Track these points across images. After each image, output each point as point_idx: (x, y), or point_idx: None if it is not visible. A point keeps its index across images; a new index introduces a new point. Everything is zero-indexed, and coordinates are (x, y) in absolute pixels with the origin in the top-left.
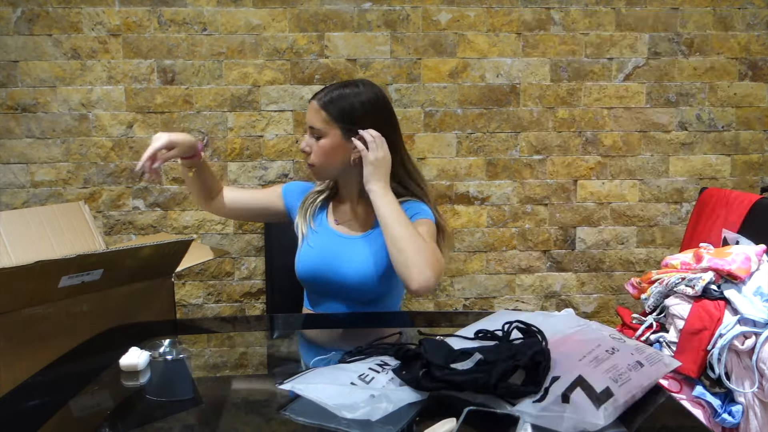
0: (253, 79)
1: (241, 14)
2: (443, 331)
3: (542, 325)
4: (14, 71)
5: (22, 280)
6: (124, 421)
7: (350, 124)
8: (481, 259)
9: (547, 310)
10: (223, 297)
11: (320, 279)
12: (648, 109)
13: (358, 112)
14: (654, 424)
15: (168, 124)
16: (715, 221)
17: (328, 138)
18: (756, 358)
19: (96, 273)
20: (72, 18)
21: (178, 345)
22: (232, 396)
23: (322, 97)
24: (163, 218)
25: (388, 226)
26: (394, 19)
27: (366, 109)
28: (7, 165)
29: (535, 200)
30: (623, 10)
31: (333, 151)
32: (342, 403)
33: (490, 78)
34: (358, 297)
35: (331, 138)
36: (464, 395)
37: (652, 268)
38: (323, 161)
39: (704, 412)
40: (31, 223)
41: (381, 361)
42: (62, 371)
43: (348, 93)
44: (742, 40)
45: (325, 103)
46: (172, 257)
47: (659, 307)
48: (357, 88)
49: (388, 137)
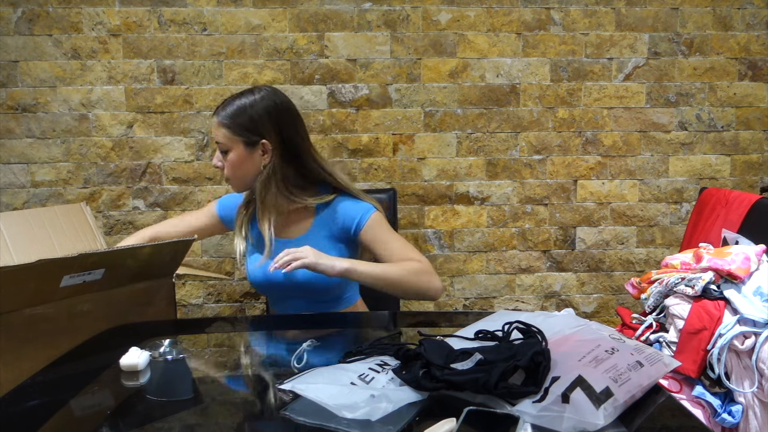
0: (253, 79)
1: (241, 14)
2: (443, 331)
3: (542, 325)
4: (14, 71)
5: (23, 279)
6: (124, 421)
7: (250, 134)
8: (481, 259)
9: (547, 310)
10: (223, 297)
11: (276, 286)
12: (648, 109)
13: (256, 121)
14: (654, 424)
15: (168, 124)
16: (715, 221)
17: (234, 152)
18: (756, 358)
19: (97, 273)
20: (72, 18)
21: (178, 345)
22: (232, 396)
23: (220, 112)
24: (163, 218)
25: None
26: (394, 19)
27: (263, 117)
28: (8, 165)
29: (535, 200)
30: (623, 10)
31: (241, 163)
32: (342, 403)
33: (490, 78)
34: (315, 293)
35: (236, 151)
36: (464, 395)
37: (652, 268)
38: (236, 173)
39: (704, 412)
40: (33, 223)
41: (381, 361)
42: (62, 371)
43: (244, 104)
44: (742, 40)
45: (223, 118)
46: (172, 257)
47: (659, 307)
48: (253, 95)
49: (291, 140)
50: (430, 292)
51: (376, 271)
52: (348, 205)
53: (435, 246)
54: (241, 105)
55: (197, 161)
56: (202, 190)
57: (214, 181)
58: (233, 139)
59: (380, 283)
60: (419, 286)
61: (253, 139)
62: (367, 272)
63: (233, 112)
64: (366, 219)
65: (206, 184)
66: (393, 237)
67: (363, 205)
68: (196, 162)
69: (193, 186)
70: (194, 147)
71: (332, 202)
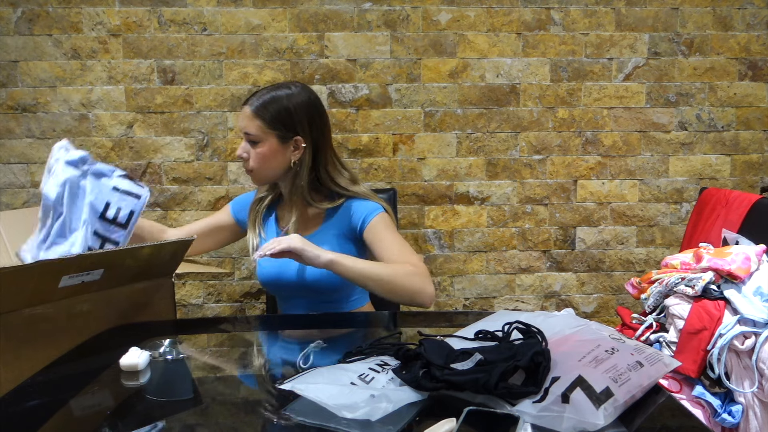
0: (253, 79)
1: (241, 14)
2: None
3: (542, 325)
4: (14, 71)
5: (22, 279)
6: (124, 421)
7: (285, 129)
8: (481, 259)
9: (547, 310)
10: (223, 297)
11: (284, 284)
12: (648, 109)
13: (292, 116)
14: (654, 424)
15: (168, 124)
16: (715, 221)
17: (266, 145)
18: (756, 358)
19: (96, 273)
20: (72, 18)
21: (178, 345)
22: (232, 396)
23: (254, 102)
24: (163, 218)
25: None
26: (394, 19)
27: (299, 112)
28: (8, 165)
29: (535, 200)
30: (623, 10)
31: (271, 156)
32: (342, 403)
33: (490, 78)
34: (322, 293)
35: (268, 144)
36: (464, 395)
37: (652, 268)
38: (261, 166)
39: (704, 412)
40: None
41: (381, 361)
42: (62, 371)
43: (281, 96)
44: (742, 40)
45: (258, 109)
46: (172, 257)
47: (659, 307)
48: (288, 89)
49: (316, 140)
50: (420, 296)
51: (363, 268)
52: (356, 204)
53: (435, 246)
54: (277, 97)
55: (197, 161)
56: (202, 190)
57: (214, 181)
58: (267, 131)
59: (368, 281)
60: (409, 287)
61: (287, 134)
62: (353, 267)
63: (269, 104)
64: (371, 218)
65: (206, 184)
66: (394, 238)
67: (370, 205)
68: (196, 162)
69: (193, 186)
70: (194, 147)
71: (343, 202)
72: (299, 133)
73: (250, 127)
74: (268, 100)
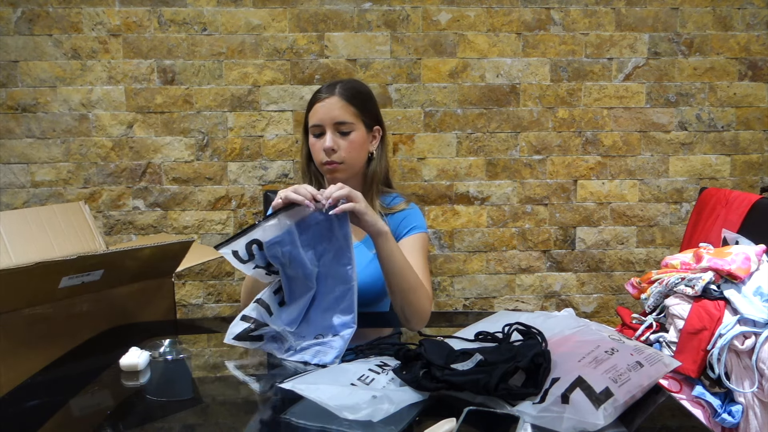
0: (253, 79)
1: (241, 14)
2: (443, 331)
3: (542, 325)
4: (14, 71)
5: (22, 280)
6: (124, 421)
7: (370, 116)
8: (481, 259)
9: (547, 310)
10: (223, 297)
11: None
12: (648, 109)
13: (374, 104)
14: (654, 424)
15: (168, 124)
16: (715, 221)
17: (358, 132)
18: (756, 358)
19: (96, 273)
20: (72, 18)
21: (178, 345)
22: (232, 396)
23: (343, 92)
24: (163, 218)
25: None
26: (394, 19)
27: (375, 103)
28: (8, 165)
29: (535, 200)
30: (623, 10)
31: (362, 144)
32: (343, 404)
33: (490, 78)
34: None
35: (360, 132)
36: (464, 395)
37: (652, 268)
38: (354, 156)
39: (704, 412)
40: (31, 223)
41: (381, 362)
42: (62, 371)
43: (360, 85)
44: (742, 40)
45: (348, 97)
46: (172, 258)
47: (659, 307)
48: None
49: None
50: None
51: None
52: (411, 213)
53: (435, 246)
54: (358, 86)
55: (197, 161)
56: (202, 190)
57: (214, 181)
58: (360, 118)
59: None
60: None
61: (371, 123)
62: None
63: (357, 91)
64: (416, 231)
65: (206, 184)
66: (420, 259)
67: (421, 221)
68: (196, 162)
69: (193, 186)
70: (194, 147)
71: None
72: (379, 122)
73: (344, 115)
74: (356, 87)
